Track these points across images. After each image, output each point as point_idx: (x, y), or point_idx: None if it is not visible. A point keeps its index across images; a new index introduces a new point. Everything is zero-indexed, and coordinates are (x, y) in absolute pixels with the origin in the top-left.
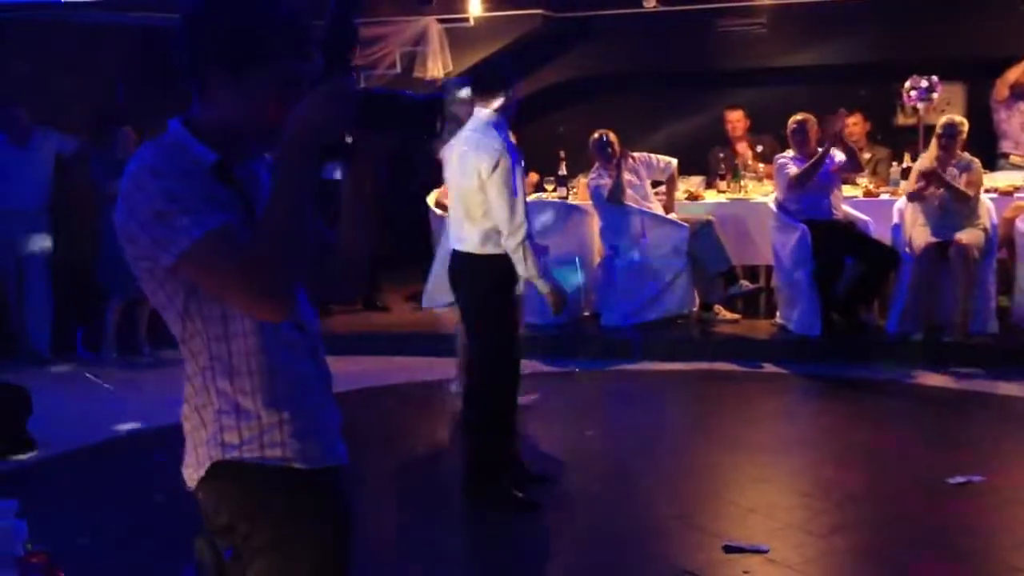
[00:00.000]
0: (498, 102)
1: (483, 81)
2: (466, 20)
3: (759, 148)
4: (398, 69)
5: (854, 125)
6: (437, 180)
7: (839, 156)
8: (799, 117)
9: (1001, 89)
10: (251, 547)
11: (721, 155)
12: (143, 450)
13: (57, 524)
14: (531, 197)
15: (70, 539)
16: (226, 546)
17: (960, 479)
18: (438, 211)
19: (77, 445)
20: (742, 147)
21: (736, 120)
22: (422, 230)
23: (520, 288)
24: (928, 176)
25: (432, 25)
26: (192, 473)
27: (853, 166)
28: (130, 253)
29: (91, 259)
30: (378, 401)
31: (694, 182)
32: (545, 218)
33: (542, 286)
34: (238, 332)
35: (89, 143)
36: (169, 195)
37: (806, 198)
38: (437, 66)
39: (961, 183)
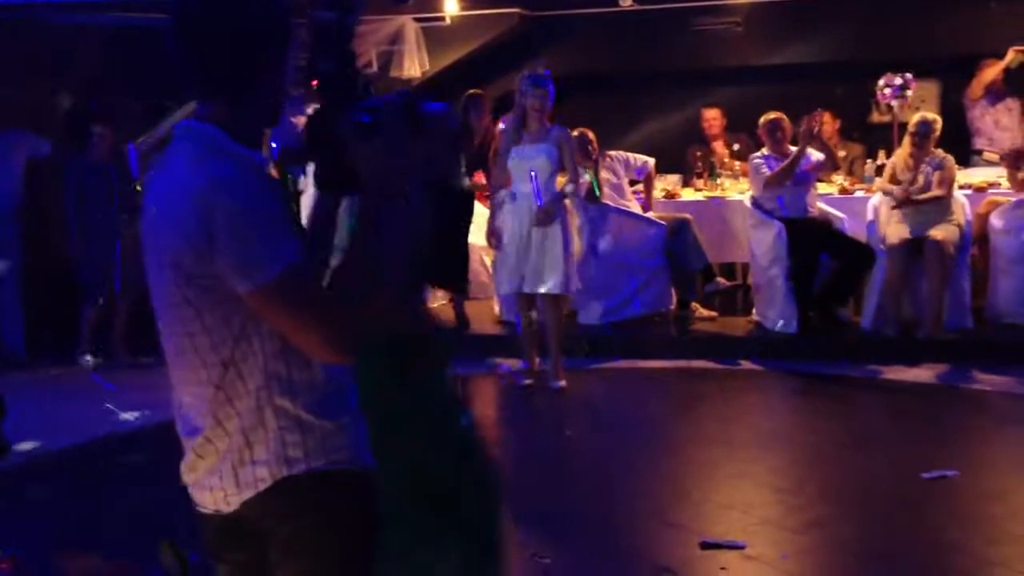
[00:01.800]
0: None
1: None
2: (442, 19)
3: (735, 146)
4: (375, 68)
5: (824, 124)
6: None
7: (815, 155)
8: (771, 116)
9: (976, 88)
10: (302, 547)
11: (698, 153)
12: (115, 455)
13: (25, 529)
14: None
15: (39, 544)
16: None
17: (934, 474)
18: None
19: (46, 450)
20: (719, 145)
21: (712, 118)
22: None
23: None
24: (902, 202)
25: (408, 24)
26: (228, 496)
27: (830, 165)
28: (187, 269)
29: (65, 261)
30: None
31: (671, 180)
32: None
33: None
34: (294, 348)
35: (63, 146)
36: (253, 215)
37: (782, 196)
38: (414, 65)
39: (934, 180)
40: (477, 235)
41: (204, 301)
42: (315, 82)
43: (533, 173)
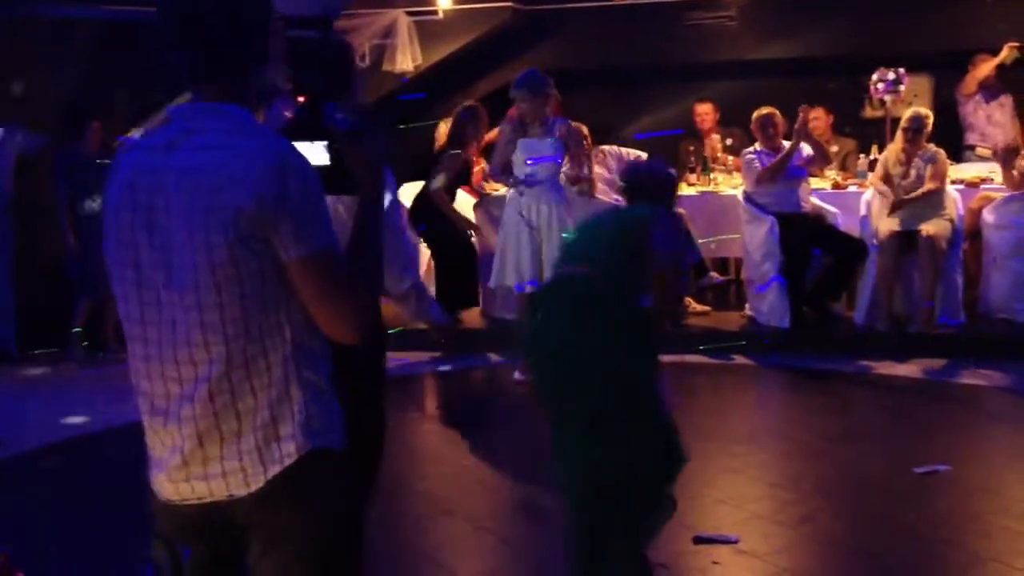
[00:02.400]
0: None
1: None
2: (435, 13)
3: (728, 141)
4: (367, 62)
5: (816, 120)
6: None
7: (807, 150)
8: (764, 111)
9: (970, 84)
10: (307, 529)
11: (691, 148)
12: (104, 449)
13: (16, 524)
14: (501, 189)
15: (30, 540)
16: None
17: (927, 468)
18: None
19: (37, 444)
20: (711, 140)
21: (705, 113)
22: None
23: None
24: (895, 205)
25: (401, 18)
26: (249, 477)
27: (821, 160)
28: (245, 229)
29: (57, 256)
30: None
31: None
32: None
33: None
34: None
35: (55, 140)
36: (316, 188)
37: (775, 191)
38: (406, 59)
39: (927, 174)
40: None
41: (249, 266)
42: (303, 97)
43: (530, 162)
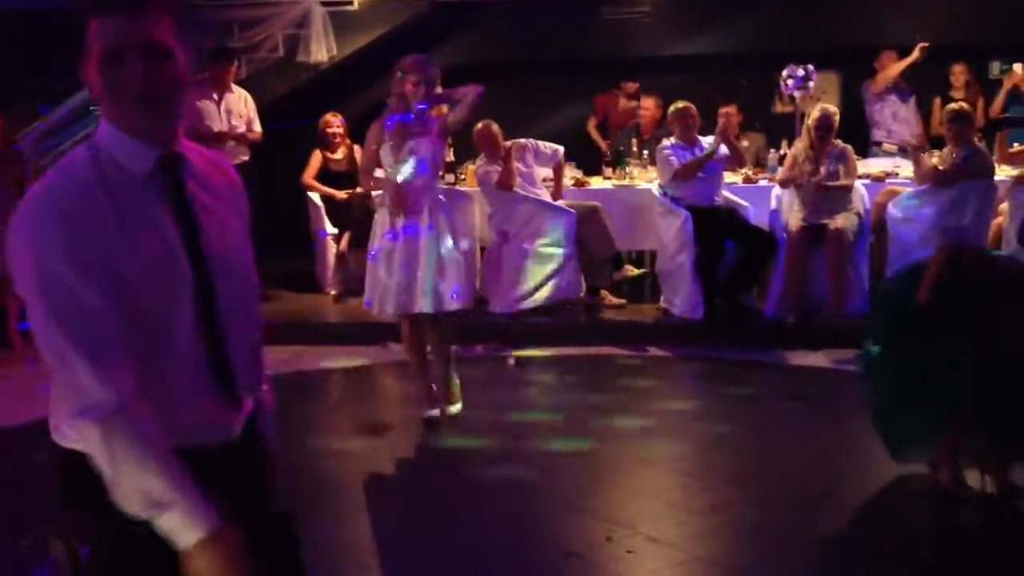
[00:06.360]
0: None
1: None
2: (350, 3)
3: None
4: (280, 52)
5: (731, 116)
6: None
7: (723, 150)
8: (680, 105)
9: (880, 82)
10: None
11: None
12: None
13: None
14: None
15: None
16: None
17: (836, 456)
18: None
19: None
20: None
21: (645, 108)
22: (297, 216)
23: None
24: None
25: (315, 8)
26: None
27: (735, 163)
28: None
29: None
30: None
31: (580, 169)
32: None
33: None
34: None
35: None
36: None
37: (689, 184)
38: (321, 50)
39: (840, 171)
40: None
41: None
42: None
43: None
